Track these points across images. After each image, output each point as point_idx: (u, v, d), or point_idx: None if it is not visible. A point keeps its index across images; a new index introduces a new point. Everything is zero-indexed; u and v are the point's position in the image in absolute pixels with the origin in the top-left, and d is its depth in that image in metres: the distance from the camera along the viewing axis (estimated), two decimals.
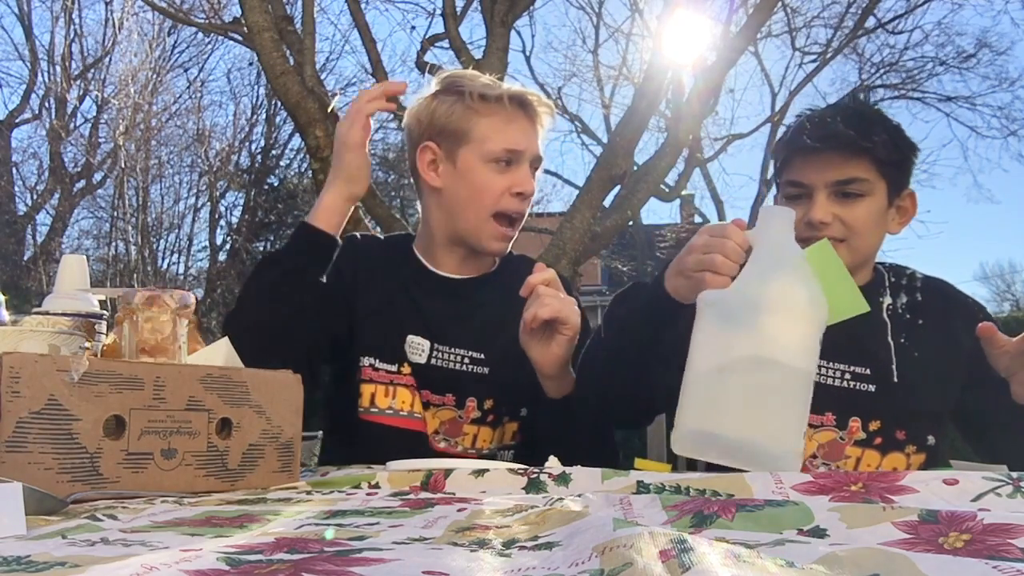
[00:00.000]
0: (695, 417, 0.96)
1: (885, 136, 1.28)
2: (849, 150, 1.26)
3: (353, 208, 1.36)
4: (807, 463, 1.35)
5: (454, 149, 1.37)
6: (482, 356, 1.40)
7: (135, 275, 12.73)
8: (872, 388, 1.32)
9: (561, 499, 0.78)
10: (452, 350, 1.39)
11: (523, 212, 1.39)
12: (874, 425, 1.32)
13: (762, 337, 0.94)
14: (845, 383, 1.33)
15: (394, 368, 1.38)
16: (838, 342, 1.31)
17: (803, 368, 0.97)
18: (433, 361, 1.38)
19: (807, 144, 1.28)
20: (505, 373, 1.38)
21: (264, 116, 15.07)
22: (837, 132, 1.26)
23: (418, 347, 1.39)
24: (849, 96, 1.64)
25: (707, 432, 0.95)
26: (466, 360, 1.39)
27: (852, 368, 1.33)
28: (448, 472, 0.93)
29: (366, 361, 1.38)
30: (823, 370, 1.33)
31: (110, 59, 13.60)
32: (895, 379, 1.32)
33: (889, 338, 1.34)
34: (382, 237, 1.60)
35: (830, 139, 1.27)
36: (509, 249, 1.44)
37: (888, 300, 1.37)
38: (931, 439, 1.33)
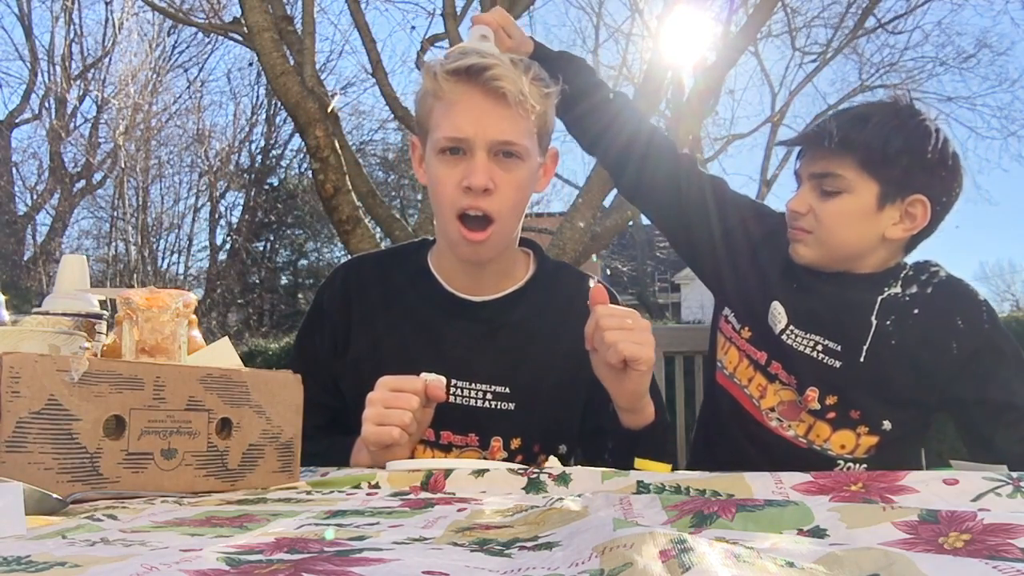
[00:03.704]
0: None
1: (874, 138, 1.29)
2: (825, 147, 1.31)
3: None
4: (766, 414, 1.38)
5: (425, 141, 1.23)
6: (507, 391, 1.25)
7: (135, 275, 12.74)
8: (838, 364, 1.35)
9: (561, 499, 0.78)
10: (472, 385, 1.24)
11: (481, 209, 1.16)
12: (831, 400, 1.36)
13: None
14: (815, 353, 1.36)
15: None
16: (819, 314, 1.37)
17: None
18: (451, 398, 1.21)
19: (796, 139, 1.40)
20: (535, 408, 1.25)
21: (264, 116, 15.11)
22: (819, 130, 1.33)
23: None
24: (890, 97, 1.62)
25: None
26: (488, 396, 1.24)
27: (825, 341, 1.36)
28: (448, 472, 0.93)
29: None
30: (797, 337, 1.38)
31: (110, 59, 13.64)
32: (862, 359, 1.34)
33: (873, 317, 1.35)
34: (389, 250, 1.43)
35: (810, 136, 1.35)
36: (487, 255, 1.23)
37: (897, 289, 1.37)
38: (887, 424, 1.34)
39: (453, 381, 1.23)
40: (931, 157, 1.30)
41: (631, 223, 9.68)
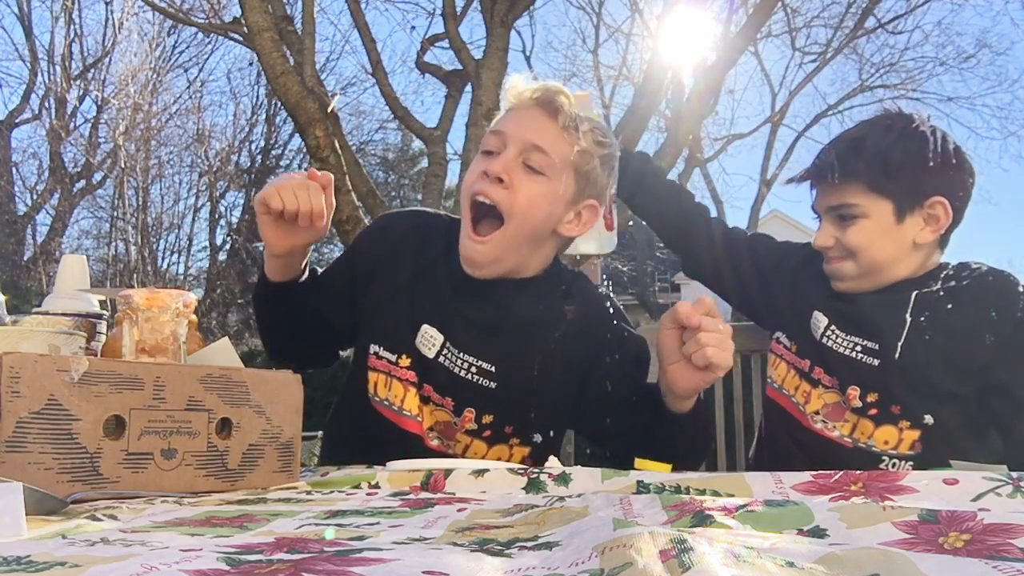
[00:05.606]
0: None
1: (873, 159, 1.34)
2: (830, 181, 1.37)
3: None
4: (811, 417, 1.43)
5: None
6: (492, 369, 1.29)
7: (135, 275, 12.72)
8: (875, 362, 1.39)
9: (561, 499, 0.78)
10: (461, 355, 1.29)
11: (490, 198, 1.22)
12: (871, 397, 1.38)
13: None
14: (854, 354, 1.40)
15: (393, 359, 1.31)
16: (856, 316, 1.42)
17: None
18: (441, 359, 1.29)
19: (802, 177, 1.45)
20: (515, 394, 1.29)
21: (264, 116, 15.07)
22: (821, 164, 1.40)
23: (431, 340, 1.30)
24: (882, 111, 1.66)
25: None
26: (473, 369, 1.29)
27: (863, 341, 1.40)
28: (448, 472, 0.93)
29: (373, 348, 1.32)
30: (837, 338, 1.42)
31: (110, 59, 13.60)
32: (896, 356, 1.37)
33: (907, 314, 1.38)
34: (441, 218, 1.45)
35: (814, 172, 1.42)
36: (483, 260, 1.26)
37: (936, 286, 1.40)
38: (928, 418, 1.35)
39: (447, 344, 1.29)
40: (934, 160, 1.33)
41: (631, 223, 9.68)
